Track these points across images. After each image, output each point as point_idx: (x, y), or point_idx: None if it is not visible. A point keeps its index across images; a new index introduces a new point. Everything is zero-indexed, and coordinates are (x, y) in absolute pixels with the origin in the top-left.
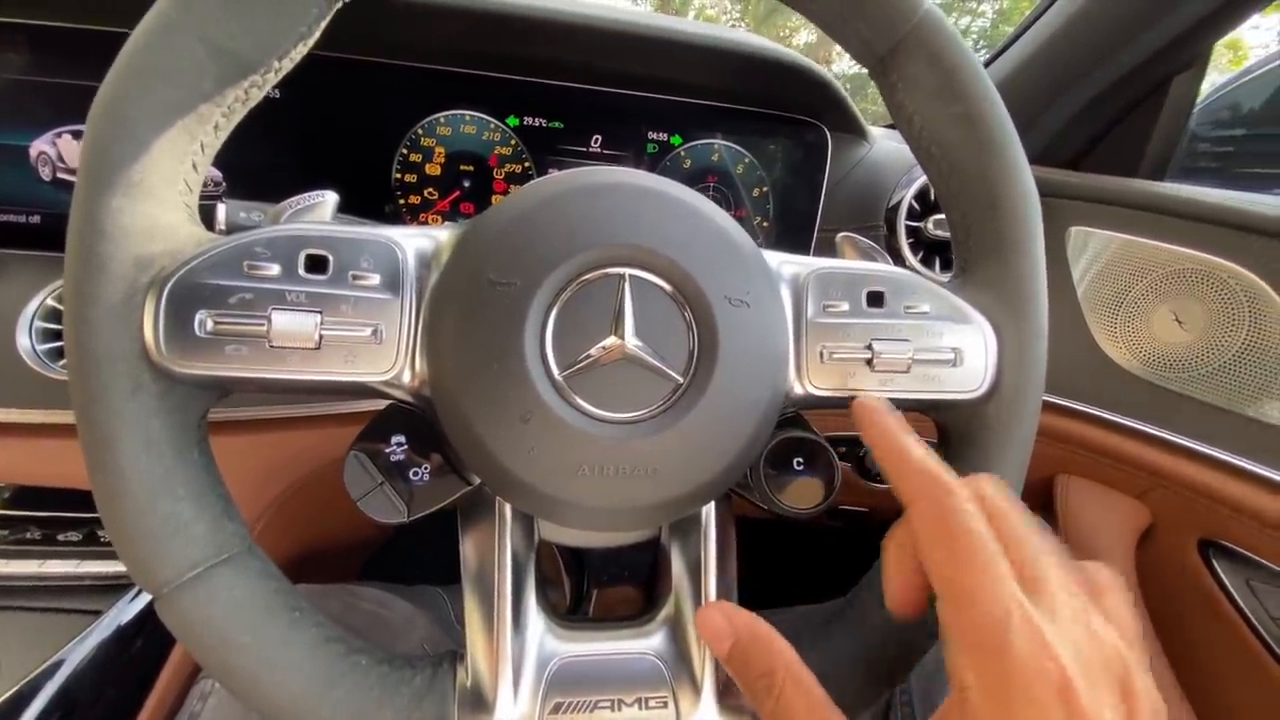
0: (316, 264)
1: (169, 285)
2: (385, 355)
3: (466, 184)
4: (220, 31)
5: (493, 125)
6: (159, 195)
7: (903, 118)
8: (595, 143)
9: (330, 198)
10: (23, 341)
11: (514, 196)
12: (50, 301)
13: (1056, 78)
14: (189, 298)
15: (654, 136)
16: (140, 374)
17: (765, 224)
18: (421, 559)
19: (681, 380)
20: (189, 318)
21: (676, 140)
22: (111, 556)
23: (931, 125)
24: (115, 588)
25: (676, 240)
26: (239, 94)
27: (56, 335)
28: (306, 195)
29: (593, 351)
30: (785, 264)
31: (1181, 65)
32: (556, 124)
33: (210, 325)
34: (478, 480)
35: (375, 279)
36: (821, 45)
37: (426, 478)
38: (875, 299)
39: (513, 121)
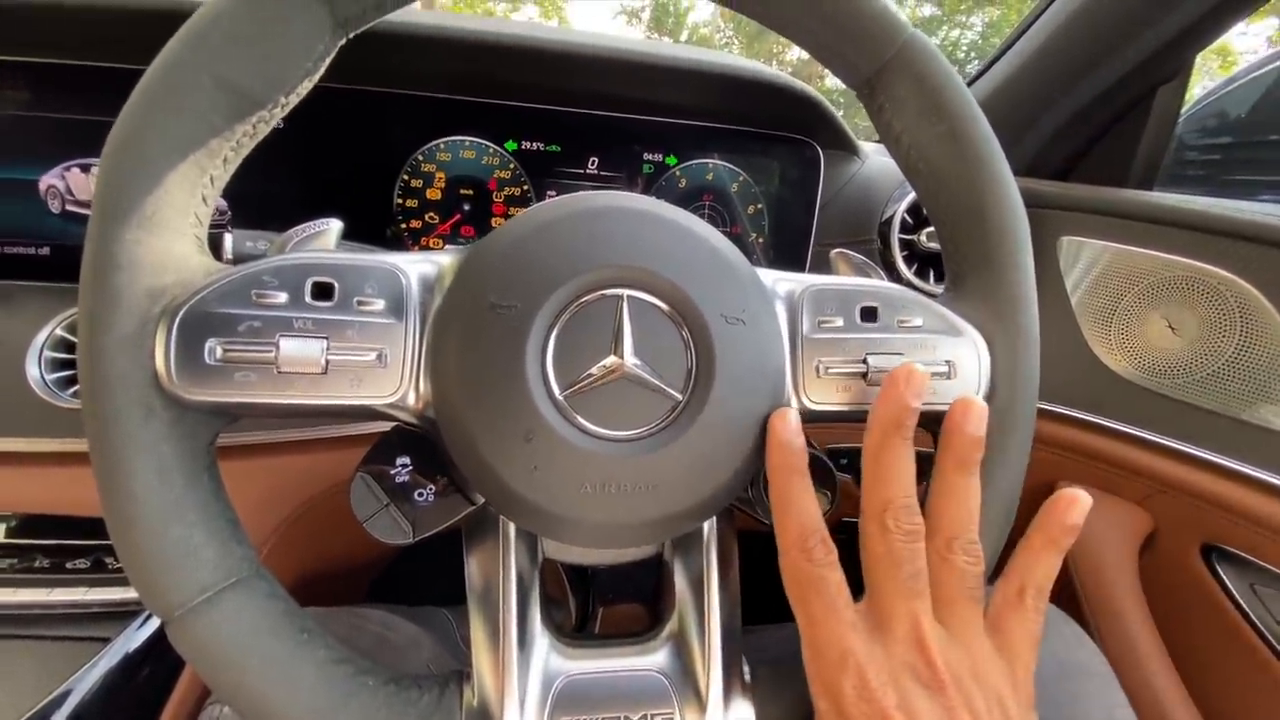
0: (322, 291)
1: (180, 315)
2: (390, 379)
3: (467, 208)
4: (230, 69)
5: (491, 150)
6: (171, 227)
7: (890, 137)
8: (592, 165)
9: (334, 225)
10: (32, 371)
11: (513, 222)
12: (60, 331)
13: (1044, 88)
14: (199, 326)
15: (649, 157)
16: (152, 401)
17: (761, 241)
18: (428, 581)
19: (680, 398)
20: (199, 346)
21: (672, 160)
22: (119, 583)
23: (919, 144)
24: (123, 614)
25: (672, 261)
26: (247, 129)
27: (66, 365)
28: (311, 224)
29: (593, 371)
30: (780, 281)
31: (1166, 75)
32: (554, 147)
33: (220, 353)
34: (482, 500)
35: (380, 304)
36: (813, 60)
37: (431, 498)
38: (869, 314)
39: (511, 146)
